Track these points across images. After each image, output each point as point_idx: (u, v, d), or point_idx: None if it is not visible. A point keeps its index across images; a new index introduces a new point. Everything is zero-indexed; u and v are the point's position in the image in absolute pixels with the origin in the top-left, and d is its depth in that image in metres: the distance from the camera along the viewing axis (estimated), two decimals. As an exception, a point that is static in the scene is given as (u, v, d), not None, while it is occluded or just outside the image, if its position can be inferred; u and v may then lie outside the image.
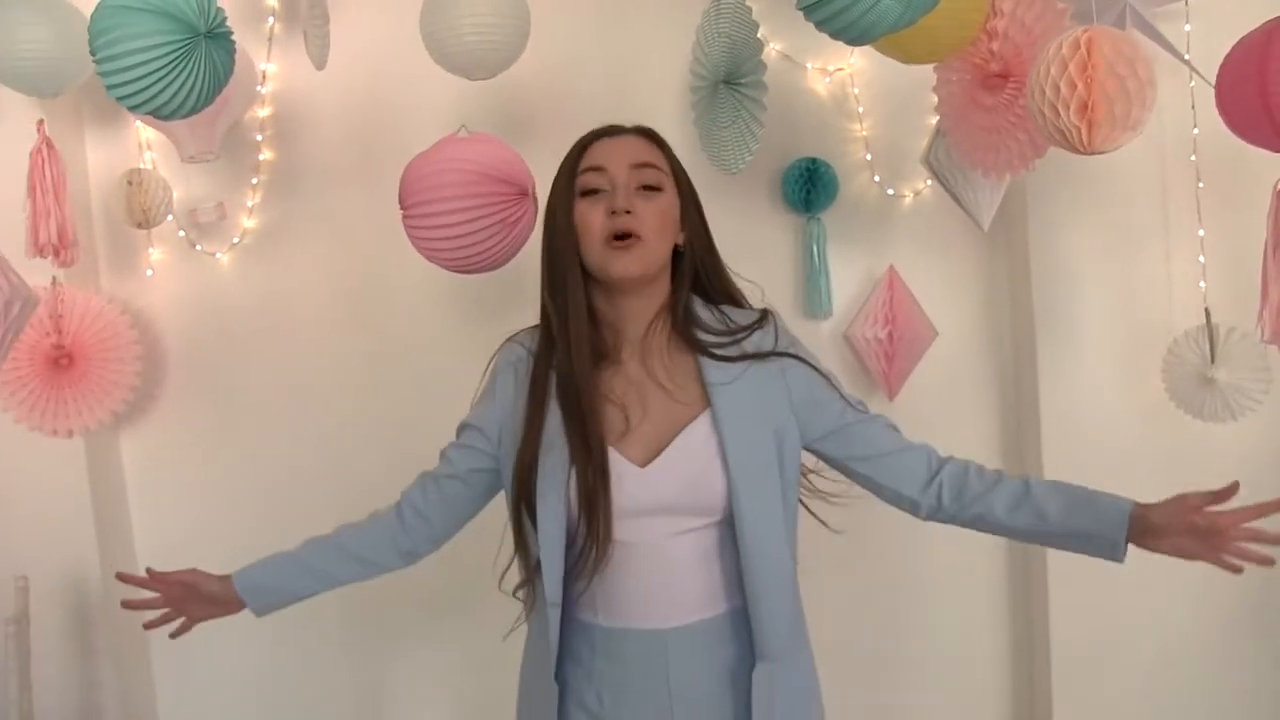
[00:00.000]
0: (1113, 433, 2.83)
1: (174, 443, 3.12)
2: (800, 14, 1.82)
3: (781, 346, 1.67)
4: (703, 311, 1.70)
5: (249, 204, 3.03)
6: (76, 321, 2.85)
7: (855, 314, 2.97)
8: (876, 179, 2.97)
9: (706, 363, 1.63)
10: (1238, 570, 1.53)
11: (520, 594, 1.70)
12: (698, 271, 1.70)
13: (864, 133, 2.96)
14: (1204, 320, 2.51)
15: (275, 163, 3.04)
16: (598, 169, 1.64)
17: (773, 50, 2.83)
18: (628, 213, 1.59)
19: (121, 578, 1.85)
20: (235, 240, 3.04)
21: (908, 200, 2.98)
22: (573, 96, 2.91)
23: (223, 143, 2.86)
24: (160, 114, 2.07)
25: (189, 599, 1.83)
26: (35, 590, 2.78)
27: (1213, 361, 2.41)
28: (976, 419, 3.04)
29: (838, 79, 2.95)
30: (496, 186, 2.04)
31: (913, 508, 1.73)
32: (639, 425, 1.60)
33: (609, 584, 1.60)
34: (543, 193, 1.85)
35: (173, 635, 1.88)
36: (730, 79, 2.60)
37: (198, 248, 3.04)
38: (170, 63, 1.96)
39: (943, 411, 2.99)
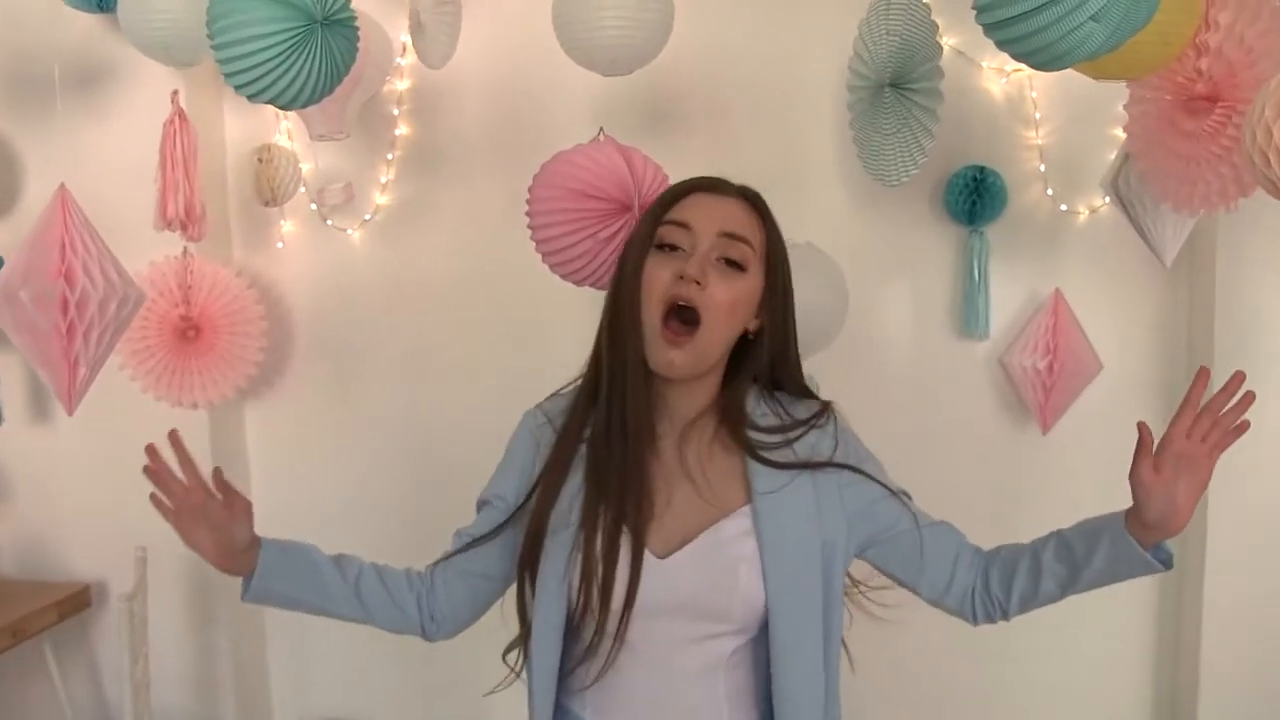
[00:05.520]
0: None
1: (298, 418, 3.13)
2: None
3: (840, 456, 1.49)
4: (755, 405, 1.52)
5: (383, 180, 2.96)
6: (205, 294, 2.84)
7: (1014, 339, 2.75)
8: (1049, 192, 2.72)
9: (754, 466, 1.46)
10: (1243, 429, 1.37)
11: (509, 658, 1.57)
12: (765, 364, 1.52)
13: (1039, 141, 2.71)
14: None
15: (412, 138, 2.96)
16: (683, 225, 1.45)
17: (945, 44, 2.59)
18: (697, 283, 1.40)
19: (173, 440, 1.53)
20: (367, 217, 2.98)
21: (1082, 218, 2.72)
22: (723, 92, 2.78)
23: (357, 117, 2.79)
24: (278, 103, 1.99)
25: (205, 522, 1.51)
26: (155, 560, 2.81)
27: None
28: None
29: (1015, 80, 2.70)
30: (592, 203, 1.94)
31: (968, 617, 1.59)
32: (662, 515, 1.44)
33: (604, 684, 1.46)
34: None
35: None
36: (898, 82, 2.38)
37: (329, 223, 2.99)
38: (285, 51, 1.89)
39: (1099, 454, 2.74)
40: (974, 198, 2.68)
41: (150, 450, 1.49)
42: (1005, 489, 2.82)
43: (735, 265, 1.44)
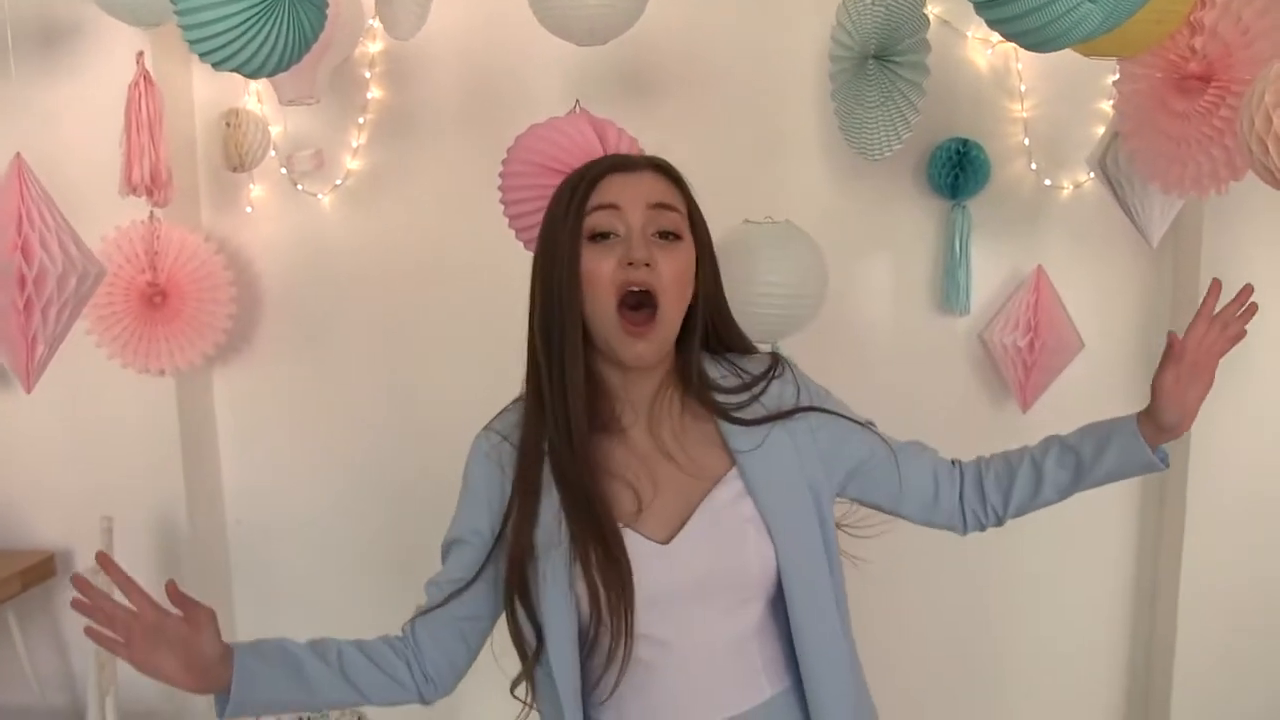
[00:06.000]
0: (1272, 477, 2.56)
1: (267, 385, 3.05)
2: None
3: (804, 400, 1.48)
4: (712, 368, 1.48)
5: (354, 144, 2.88)
6: (172, 259, 2.76)
7: (995, 315, 2.71)
8: (1033, 167, 2.67)
9: (728, 428, 1.43)
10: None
11: (518, 691, 1.47)
12: (707, 327, 1.48)
13: (1024, 113, 2.66)
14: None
15: (384, 102, 2.88)
16: (611, 207, 1.38)
17: (930, 14, 2.53)
18: (646, 265, 1.35)
19: (102, 562, 1.37)
20: (338, 182, 2.90)
21: (1065, 193, 2.68)
22: (702, 62, 2.71)
23: (328, 81, 2.70)
24: (243, 72, 1.92)
25: (164, 643, 1.33)
26: (122, 529, 2.74)
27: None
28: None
29: (1000, 51, 2.65)
30: (555, 179, 1.87)
31: (958, 527, 1.62)
32: (651, 501, 1.38)
33: (635, 688, 1.39)
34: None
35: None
36: (882, 54, 2.33)
37: (299, 187, 2.91)
38: (251, 19, 1.82)
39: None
40: (957, 171, 2.63)
41: (78, 581, 1.32)
42: (983, 467, 2.78)
43: (672, 236, 1.39)
